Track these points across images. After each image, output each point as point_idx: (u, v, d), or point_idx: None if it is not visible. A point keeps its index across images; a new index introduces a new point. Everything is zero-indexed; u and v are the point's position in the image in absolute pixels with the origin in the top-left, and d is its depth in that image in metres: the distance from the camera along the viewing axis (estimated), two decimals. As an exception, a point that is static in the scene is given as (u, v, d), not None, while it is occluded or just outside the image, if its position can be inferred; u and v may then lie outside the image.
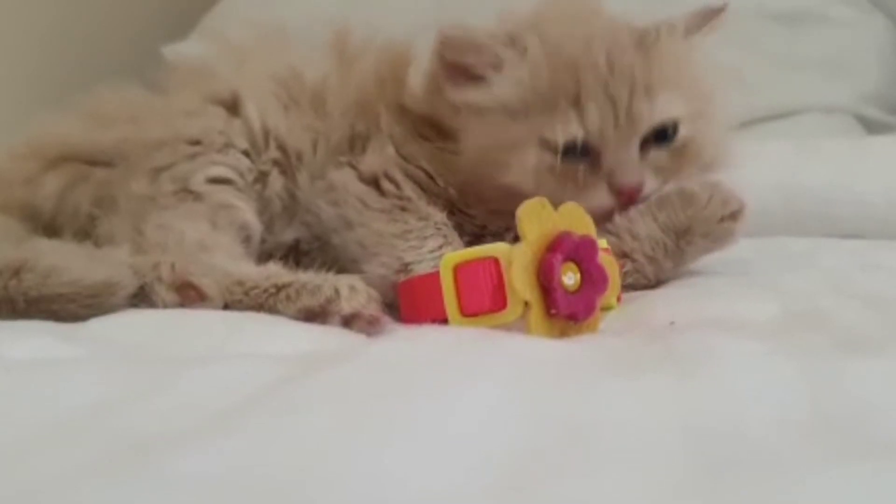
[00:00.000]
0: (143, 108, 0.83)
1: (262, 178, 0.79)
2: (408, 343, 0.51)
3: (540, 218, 0.59)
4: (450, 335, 0.54)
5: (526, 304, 0.57)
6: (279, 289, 0.64)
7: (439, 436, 0.34)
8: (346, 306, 0.62)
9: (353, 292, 0.63)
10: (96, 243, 0.74)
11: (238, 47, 0.88)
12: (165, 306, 0.64)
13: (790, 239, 1.00)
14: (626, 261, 0.74)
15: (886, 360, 0.42)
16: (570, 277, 0.59)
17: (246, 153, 0.79)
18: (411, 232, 0.72)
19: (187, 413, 0.36)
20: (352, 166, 0.78)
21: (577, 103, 0.72)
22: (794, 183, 1.06)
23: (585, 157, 0.72)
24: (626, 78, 0.72)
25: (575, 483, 0.31)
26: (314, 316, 0.63)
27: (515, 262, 0.57)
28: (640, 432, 0.35)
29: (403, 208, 0.74)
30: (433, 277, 0.60)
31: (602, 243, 0.64)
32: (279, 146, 0.80)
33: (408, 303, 0.65)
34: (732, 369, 0.41)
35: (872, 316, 0.58)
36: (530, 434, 0.34)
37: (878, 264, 0.84)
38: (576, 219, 0.62)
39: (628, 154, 0.73)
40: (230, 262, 0.70)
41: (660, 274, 0.76)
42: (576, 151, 0.72)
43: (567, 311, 0.58)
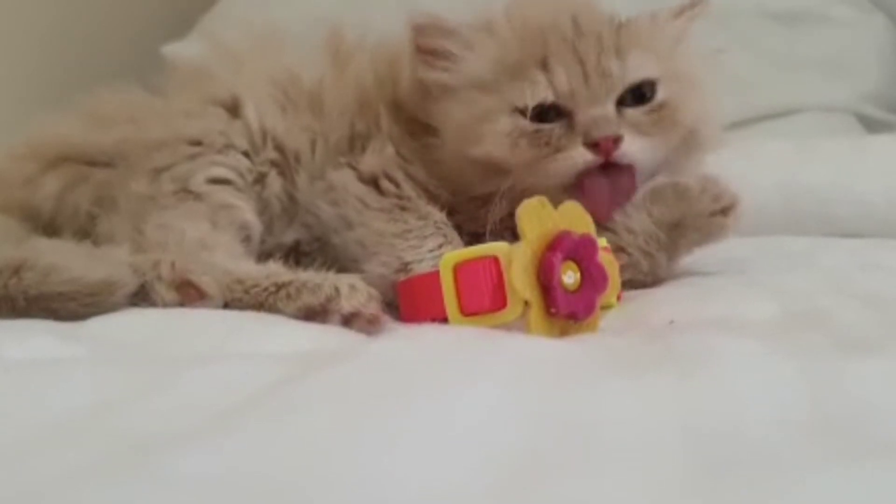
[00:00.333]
0: (142, 108, 0.83)
1: (261, 178, 0.80)
2: (408, 342, 0.51)
3: (540, 217, 0.59)
4: (450, 334, 0.54)
5: (526, 303, 0.57)
6: (279, 287, 0.64)
7: (439, 435, 0.34)
8: (347, 305, 0.62)
9: (354, 291, 0.63)
10: (96, 243, 0.74)
11: (234, 50, 0.88)
12: (165, 305, 0.64)
13: (790, 238, 1.00)
14: (623, 255, 0.74)
15: (886, 360, 0.42)
16: (569, 276, 0.59)
17: (246, 154, 0.79)
18: (411, 231, 0.72)
19: (187, 413, 0.36)
20: (351, 166, 0.78)
21: (544, 67, 0.73)
22: (794, 182, 1.06)
23: (560, 120, 0.73)
24: (593, 39, 0.73)
25: (575, 482, 0.31)
26: (314, 315, 0.62)
27: (515, 262, 0.57)
28: (640, 432, 0.35)
29: (403, 208, 0.74)
30: (433, 277, 0.60)
31: (602, 242, 0.64)
32: (277, 147, 0.80)
33: (408, 302, 0.65)
34: (732, 369, 0.41)
35: (872, 315, 0.58)
36: (530, 433, 0.34)
37: (878, 264, 0.84)
38: (575, 218, 0.62)
39: (602, 110, 0.72)
40: (230, 261, 0.70)
41: (655, 268, 0.76)
42: (548, 115, 0.73)
43: (567, 311, 0.58)
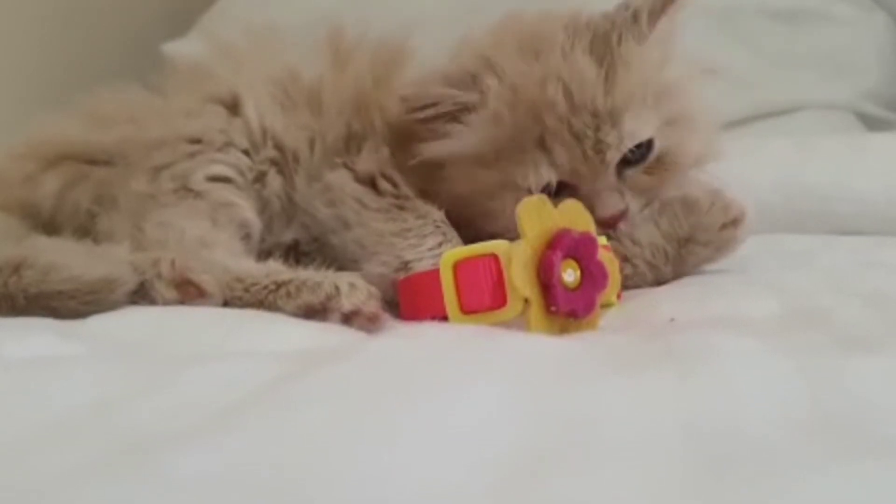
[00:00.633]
0: (142, 108, 0.83)
1: (261, 177, 0.80)
2: (408, 340, 0.51)
3: (539, 215, 0.59)
4: (450, 332, 0.54)
5: (526, 301, 0.57)
6: (279, 286, 0.64)
7: (439, 433, 0.34)
8: (347, 303, 0.62)
9: (353, 289, 0.63)
10: (96, 241, 0.74)
11: (234, 48, 0.88)
12: (165, 303, 0.64)
13: (790, 236, 0.99)
14: (626, 264, 0.74)
15: (886, 358, 0.42)
16: (569, 274, 0.59)
17: (246, 152, 0.79)
18: (410, 230, 0.72)
19: (187, 411, 0.36)
20: (347, 167, 0.77)
21: (542, 146, 0.71)
22: (795, 180, 1.06)
23: (564, 191, 0.72)
24: (587, 111, 0.70)
25: (575, 481, 0.31)
26: (314, 313, 0.62)
27: (515, 259, 0.57)
28: (640, 430, 0.35)
29: (401, 207, 0.74)
30: (433, 275, 0.60)
31: (602, 240, 0.64)
32: (276, 145, 0.80)
33: (408, 300, 0.65)
34: (732, 367, 0.41)
35: (872, 313, 0.58)
36: (530, 431, 0.34)
37: (879, 262, 0.84)
38: (575, 216, 0.62)
39: (604, 184, 0.72)
40: (230, 259, 0.70)
41: (660, 279, 0.76)
42: (552, 190, 0.72)
43: (567, 308, 0.58)
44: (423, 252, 0.71)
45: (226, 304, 0.65)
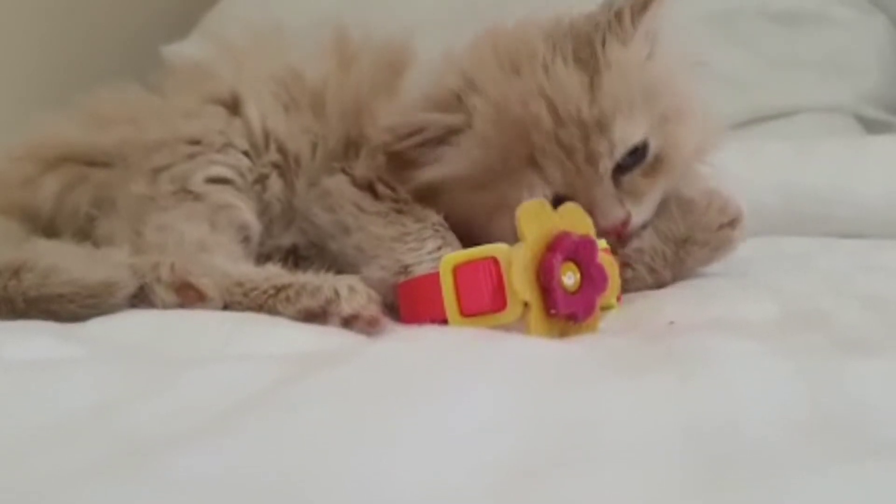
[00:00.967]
0: (141, 108, 0.82)
1: (262, 180, 0.79)
2: (407, 344, 0.51)
3: (539, 218, 0.59)
4: (450, 336, 0.54)
5: (526, 304, 0.57)
6: (279, 290, 0.64)
7: (439, 436, 0.34)
8: (346, 307, 0.62)
9: (353, 293, 0.63)
10: (95, 244, 0.74)
11: (236, 48, 0.88)
12: (165, 307, 0.64)
13: (789, 239, 1.00)
14: (627, 269, 0.74)
15: (885, 361, 0.42)
16: (569, 277, 0.59)
17: (246, 154, 0.79)
18: (409, 234, 0.72)
19: (187, 414, 0.36)
20: (345, 172, 0.77)
21: (534, 164, 0.70)
22: (794, 183, 1.06)
23: (563, 202, 0.69)
24: (574, 123, 0.68)
25: (575, 483, 0.31)
26: (314, 317, 0.62)
27: (515, 263, 0.57)
28: (640, 432, 0.35)
29: (400, 211, 0.74)
30: (433, 278, 0.60)
31: (602, 243, 0.64)
32: (279, 148, 0.80)
33: (408, 303, 0.65)
34: (732, 369, 0.41)
35: (872, 316, 0.58)
36: (530, 434, 0.34)
37: (878, 265, 0.84)
38: (575, 219, 0.62)
39: (602, 193, 0.70)
40: (229, 263, 0.70)
41: (660, 282, 0.76)
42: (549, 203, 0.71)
43: (567, 311, 0.58)
44: (423, 256, 0.71)
45: (225, 307, 0.65)
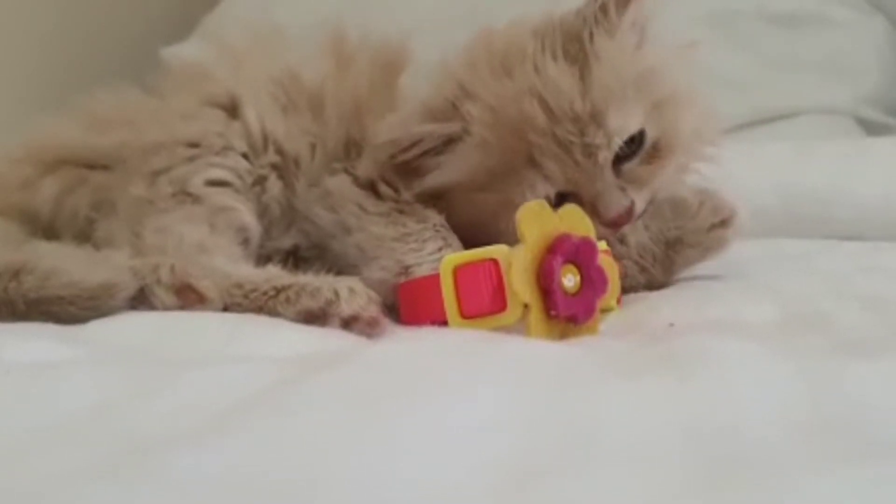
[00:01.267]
0: (140, 111, 0.82)
1: (261, 181, 0.79)
2: (407, 345, 0.51)
3: (539, 220, 0.59)
4: (450, 337, 0.54)
5: (526, 305, 0.57)
6: (279, 291, 0.64)
7: (439, 436, 0.34)
8: (346, 308, 0.62)
9: (353, 294, 0.63)
10: (95, 246, 0.74)
11: (235, 50, 0.88)
12: (165, 308, 0.64)
13: (789, 241, 1.00)
14: (620, 264, 0.73)
15: (886, 362, 0.42)
16: (569, 279, 0.59)
17: (245, 156, 0.79)
18: (410, 235, 0.72)
19: (187, 414, 0.36)
20: (347, 172, 0.77)
21: (533, 162, 0.70)
22: (794, 185, 1.06)
23: (566, 199, 0.70)
24: (568, 118, 0.68)
25: (575, 484, 0.31)
26: (314, 318, 0.62)
27: (515, 264, 0.57)
28: (640, 434, 0.35)
29: (401, 211, 0.74)
30: (433, 279, 0.60)
31: (602, 245, 0.64)
32: (278, 150, 0.80)
33: (408, 305, 0.65)
34: (732, 371, 0.41)
35: (871, 317, 0.58)
36: (530, 435, 0.34)
37: (878, 266, 0.84)
38: (575, 220, 0.62)
39: (604, 185, 0.70)
40: (229, 265, 0.70)
41: (651, 280, 0.76)
42: (552, 201, 0.70)
43: (567, 313, 0.58)
44: (424, 257, 0.71)
45: (225, 309, 0.65)
